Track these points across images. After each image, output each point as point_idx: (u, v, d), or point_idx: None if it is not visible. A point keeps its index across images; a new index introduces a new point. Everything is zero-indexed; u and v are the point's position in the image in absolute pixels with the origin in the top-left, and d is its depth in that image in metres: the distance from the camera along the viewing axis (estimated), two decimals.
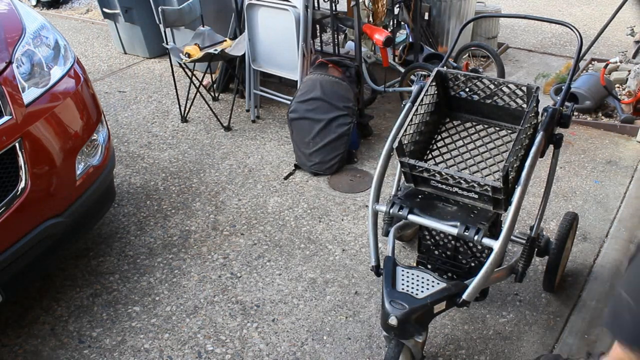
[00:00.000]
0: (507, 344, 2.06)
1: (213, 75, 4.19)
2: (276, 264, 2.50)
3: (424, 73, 2.10)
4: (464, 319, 2.17)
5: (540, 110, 1.79)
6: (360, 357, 2.04)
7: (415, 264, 2.15)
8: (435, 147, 1.99)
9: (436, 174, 1.70)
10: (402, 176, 1.88)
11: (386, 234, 2.01)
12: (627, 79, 3.70)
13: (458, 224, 1.66)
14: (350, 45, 3.95)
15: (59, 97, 2.11)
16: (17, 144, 1.87)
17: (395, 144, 1.69)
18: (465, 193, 1.79)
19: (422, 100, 1.82)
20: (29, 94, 1.99)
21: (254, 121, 3.79)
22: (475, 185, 1.65)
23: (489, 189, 1.62)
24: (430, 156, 1.99)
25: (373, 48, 3.96)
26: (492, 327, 2.13)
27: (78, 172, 2.16)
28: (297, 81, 3.42)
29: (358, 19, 3.16)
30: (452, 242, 2.00)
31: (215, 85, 4.15)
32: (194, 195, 3.02)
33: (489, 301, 2.24)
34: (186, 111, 3.85)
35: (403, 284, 1.69)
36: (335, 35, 3.55)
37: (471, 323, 2.15)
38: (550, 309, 2.20)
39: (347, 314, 2.22)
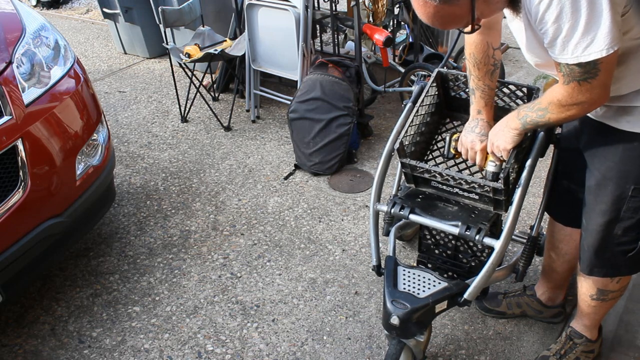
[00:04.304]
0: (507, 344, 2.06)
1: (213, 75, 4.19)
2: (276, 264, 2.50)
3: (424, 73, 2.10)
4: (464, 319, 2.17)
5: None
6: (360, 357, 2.04)
7: (415, 264, 2.15)
8: (435, 147, 1.99)
9: (437, 175, 1.70)
10: (403, 176, 1.88)
11: (387, 233, 2.01)
12: None
13: (459, 223, 1.66)
14: (350, 45, 3.94)
15: (59, 97, 2.11)
16: (17, 144, 1.87)
17: (396, 145, 1.69)
18: (466, 194, 1.79)
19: (422, 100, 1.82)
20: (29, 94, 1.99)
21: (254, 121, 3.79)
22: (476, 187, 1.65)
23: (489, 190, 1.62)
24: (430, 156, 1.99)
25: (373, 48, 3.96)
26: (492, 327, 2.13)
27: (78, 172, 2.16)
28: (297, 81, 3.42)
29: (358, 19, 3.15)
30: (453, 241, 2.00)
31: (215, 85, 4.15)
32: (194, 195, 3.02)
33: None
34: (186, 111, 3.85)
35: (404, 284, 1.69)
36: (335, 35, 3.55)
37: (471, 323, 2.15)
38: None
39: (347, 314, 2.22)
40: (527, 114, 1.44)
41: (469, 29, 1.24)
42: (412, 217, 1.74)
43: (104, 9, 4.88)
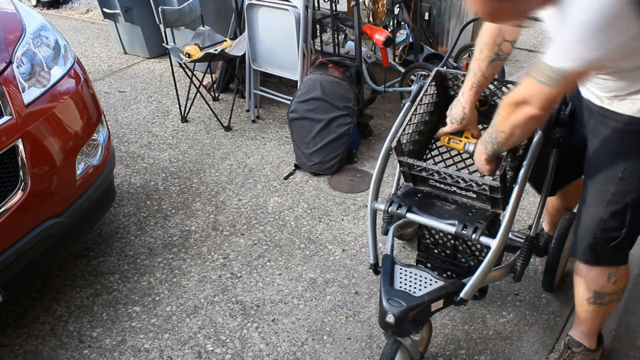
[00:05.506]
0: (507, 344, 2.06)
1: (213, 75, 4.19)
2: (276, 264, 2.50)
3: (423, 73, 2.10)
4: (464, 319, 2.17)
5: None
6: (360, 357, 2.04)
7: (415, 263, 2.15)
8: (434, 146, 1.99)
9: (434, 173, 1.71)
10: (402, 175, 1.88)
11: (385, 232, 2.01)
12: None
13: (456, 222, 1.67)
14: (350, 45, 3.94)
15: (59, 97, 2.11)
16: (17, 144, 1.87)
17: (394, 144, 1.69)
18: (463, 192, 1.79)
19: (421, 99, 1.82)
20: (29, 94, 1.99)
21: (254, 121, 3.79)
22: (473, 185, 1.65)
23: (486, 188, 1.62)
24: (429, 155, 1.99)
25: (373, 48, 3.96)
26: (492, 327, 2.13)
27: (78, 172, 2.17)
28: (297, 81, 3.42)
29: (358, 19, 3.16)
30: (452, 241, 2.00)
31: (215, 85, 4.15)
32: (194, 195, 3.02)
33: (489, 301, 2.24)
34: (186, 111, 3.85)
35: (401, 282, 1.69)
36: (335, 35, 3.55)
37: (471, 323, 2.15)
38: (550, 309, 2.20)
39: (347, 314, 2.22)
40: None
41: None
42: (409, 215, 1.74)
43: (104, 9, 4.88)
